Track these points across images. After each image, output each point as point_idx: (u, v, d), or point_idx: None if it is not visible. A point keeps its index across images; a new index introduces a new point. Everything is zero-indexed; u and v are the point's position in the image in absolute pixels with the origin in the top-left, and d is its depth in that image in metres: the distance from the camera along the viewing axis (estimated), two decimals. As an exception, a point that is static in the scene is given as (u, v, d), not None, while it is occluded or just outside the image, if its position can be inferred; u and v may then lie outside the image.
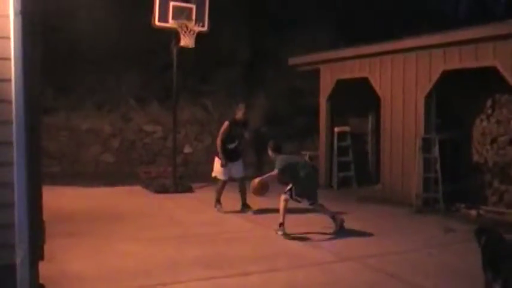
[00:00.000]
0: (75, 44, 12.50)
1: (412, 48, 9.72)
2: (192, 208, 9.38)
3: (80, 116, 12.83)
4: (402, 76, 10.04)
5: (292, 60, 12.62)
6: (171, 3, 10.45)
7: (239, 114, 8.83)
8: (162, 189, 10.71)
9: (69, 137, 12.69)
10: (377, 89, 10.55)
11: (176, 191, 10.65)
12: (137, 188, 11.29)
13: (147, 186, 11.25)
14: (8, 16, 4.07)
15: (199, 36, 10.55)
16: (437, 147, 9.42)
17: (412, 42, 9.74)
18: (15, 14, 4.07)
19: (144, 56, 13.10)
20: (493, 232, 4.87)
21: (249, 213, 8.75)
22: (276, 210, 7.50)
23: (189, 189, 10.97)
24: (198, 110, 14.01)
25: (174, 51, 10.71)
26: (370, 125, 12.49)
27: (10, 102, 4.08)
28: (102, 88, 13.09)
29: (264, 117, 14.29)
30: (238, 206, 8.93)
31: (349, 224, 7.73)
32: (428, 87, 9.56)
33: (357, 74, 11.05)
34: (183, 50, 10.66)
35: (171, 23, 10.38)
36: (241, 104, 9.01)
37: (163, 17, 10.40)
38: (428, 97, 9.61)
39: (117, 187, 11.32)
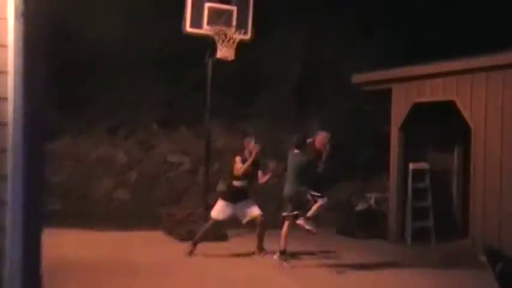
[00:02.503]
0: (88, 55, 12.79)
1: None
2: (226, 262, 9.39)
3: (89, 141, 13.08)
4: (501, 99, 9.93)
5: (358, 78, 12.65)
6: (207, 5, 10.61)
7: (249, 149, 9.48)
8: (189, 237, 10.64)
9: (76, 168, 12.92)
10: (466, 115, 10.48)
11: (207, 239, 10.55)
12: (158, 234, 11.41)
13: (170, 232, 11.34)
14: (6, 19, 4.08)
15: (240, 47, 10.66)
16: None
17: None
18: (16, 17, 4.07)
19: (171, 70, 13.32)
20: (509, 258, 5.00)
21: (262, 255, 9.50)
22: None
23: (223, 237, 11.03)
24: (236, 138, 13.86)
25: (209, 64, 10.87)
26: (456, 162, 12.42)
27: (5, 125, 4.07)
28: (118, 108, 13.33)
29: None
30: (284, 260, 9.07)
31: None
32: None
33: (441, 97, 11.02)
34: (220, 63, 10.81)
35: (205, 30, 10.53)
36: (248, 138, 9.66)
37: (196, 22, 10.57)
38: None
39: (133, 232, 11.44)
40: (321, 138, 9.44)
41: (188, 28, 10.52)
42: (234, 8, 10.77)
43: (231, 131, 14.13)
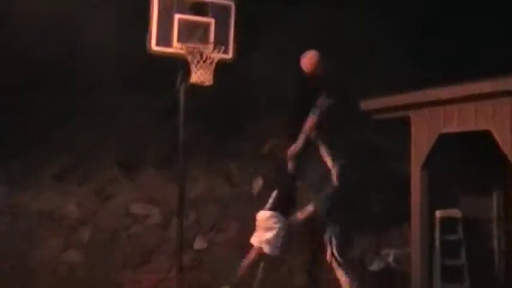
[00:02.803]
0: (27, 80, 12.55)
1: None
2: None
3: (29, 190, 12.64)
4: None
5: (367, 104, 12.46)
6: (177, 17, 10.28)
7: None
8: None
9: (12, 225, 12.48)
10: (505, 148, 10.25)
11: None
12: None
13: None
14: None
15: (221, 67, 10.42)
16: None
17: None
18: None
19: (133, 98, 13.11)
20: None
21: None
22: None
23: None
24: (218, 181, 13.84)
25: (181, 90, 10.52)
26: (495, 208, 12.22)
27: None
28: (68, 147, 13.00)
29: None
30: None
31: None
32: None
33: (472, 126, 10.85)
34: (196, 89, 10.55)
35: (176, 48, 10.22)
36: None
37: (164, 38, 10.24)
38: None
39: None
40: (307, 59, 9.72)
41: (154, 46, 10.21)
42: (212, 21, 10.43)
43: (211, 172, 13.81)
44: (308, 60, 9.87)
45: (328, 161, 9.95)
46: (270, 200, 10.11)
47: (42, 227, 12.60)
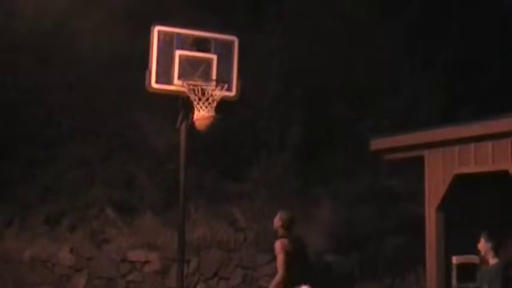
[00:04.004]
0: (18, 120, 12.72)
1: None
2: None
3: (21, 235, 12.54)
4: None
5: (378, 143, 12.09)
6: (178, 53, 10.16)
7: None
8: None
9: (2, 273, 12.27)
10: None
11: None
12: None
13: None
14: None
15: (223, 105, 10.26)
16: None
17: None
18: None
19: (131, 137, 13.17)
20: None
21: None
22: None
23: None
24: (221, 225, 13.72)
25: (183, 129, 10.31)
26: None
27: None
28: (61, 187, 12.95)
29: (330, 238, 14.04)
30: None
31: None
32: None
33: (490, 166, 10.46)
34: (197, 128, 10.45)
35: (177, 85, 10.09)
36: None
37: (164, 76, 10.14)
38: None
39: None
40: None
41: (154, 84, 10.08)
42: (214, 57, 10.31)
43: (214, 216, 13.71)
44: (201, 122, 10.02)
45: None
46: None
47: (33, 275, 12.44)
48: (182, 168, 10.38)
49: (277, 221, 9.49)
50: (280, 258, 9.05)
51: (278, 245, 9.12)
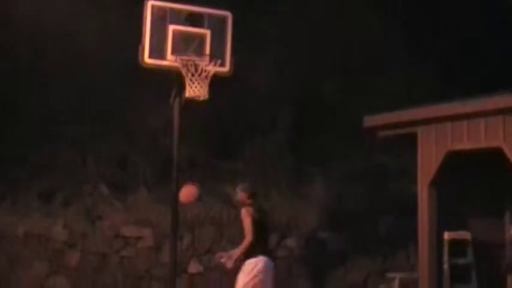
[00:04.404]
0: (9, 94, 12.65)
1: None
2: None
3: (14, 211, 12.52)
4: None
5: (371, 120, 12.20)
6: (171, 28, 10.25)
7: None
8: None
9: None
10: None
11: None
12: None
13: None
14: None
15: (217, 82, 10.35)
16: None
17: None
18: None
19: (124, 114, 13.14)
20: None
21: None
22: None
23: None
24: (214, 202, 13.75)
25: (176, 106, 10.43)
26: (508, 230, 11.77)
27: None
28: (54, 165, 12.93)
29: (323, 216, 14.02)
30: None
31: None
32: None
33: (483, 143, 10.56)
34: (191, 105, 10.56)
35: (170, 60, 10.18)
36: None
37: (158, 51, 10.22)
38: None
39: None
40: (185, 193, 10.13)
41: (147, 59, 10.14)
42: (207, 32, 10.42)
43: (207, 193, 13.56)
44: (185, 193, 10.22)
45: None
46: None
47: (27, 250, 12.45)
48: (175, 144, 10.50)
49: (242, 194, 9.81)
50: (247, 223, 9.38)
51: (245, 211, 9.47)
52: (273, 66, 14.44)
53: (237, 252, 9.54)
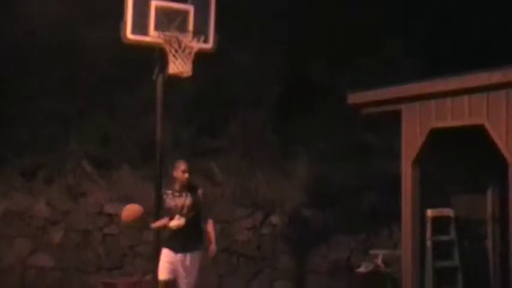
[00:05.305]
0: None
1: None
2: None
3: None
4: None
5: (355, 97, 12.22)
6: (154, 3, 10.27)
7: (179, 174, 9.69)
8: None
9: None
10: (501, 144, 9.99)
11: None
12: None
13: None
14: None
15: (200, 59, 10.39)
16: None
17: None
18: None
19: (107, 90, 13.07)
20: None
21: None
22: None
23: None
24: (198, 180, 13.14)
25: (159, 82, 10.46)
26: (489, 207, 11.92)
27: None
28: (37, 142, 12.90)
29: (307, 194, 14.11)
30: None
31: None
32: None
33: (466, 120, 10.57)
34: (174, 82, 10.61)
35: (152, 37, 10.20)
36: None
37: (140, 27, 10.25)
38: None
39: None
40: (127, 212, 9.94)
41: (129, 35, 10.18)
42: (191, 8, 10.44)
43: (191, 170, 13.34)
44: (127, 212, 10.01)
45: None
46: None
47: (9, 228, 12.55)
48: (159, 122, 10.54)
49: (185, 171, 9.62)
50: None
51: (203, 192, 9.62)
52: (257, 44, 14.36)
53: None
